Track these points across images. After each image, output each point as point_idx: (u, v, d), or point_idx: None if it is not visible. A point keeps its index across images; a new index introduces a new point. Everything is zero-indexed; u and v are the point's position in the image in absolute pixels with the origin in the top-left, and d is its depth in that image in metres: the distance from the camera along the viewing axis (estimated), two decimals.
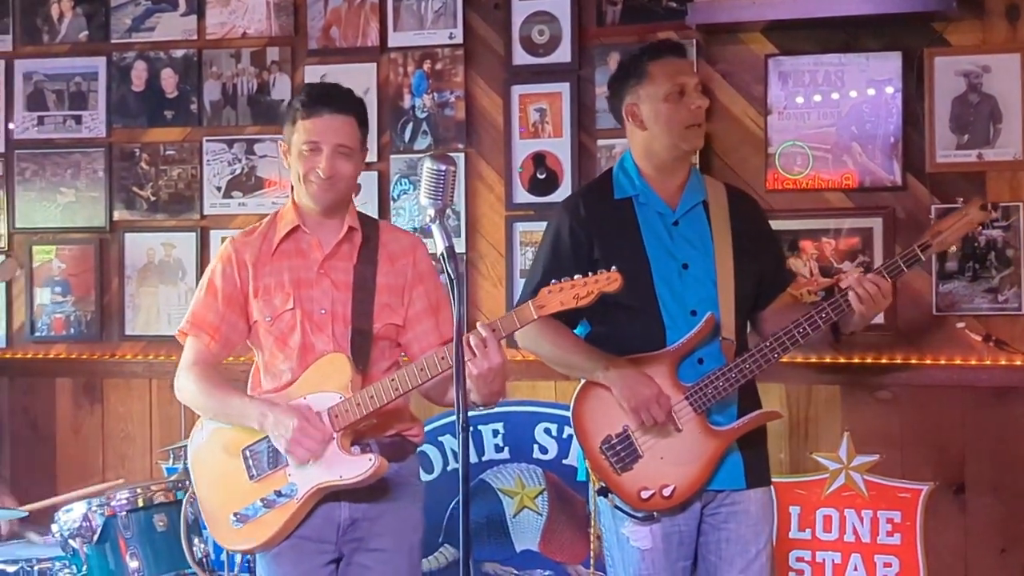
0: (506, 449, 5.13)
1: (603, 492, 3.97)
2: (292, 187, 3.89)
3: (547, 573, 4.92)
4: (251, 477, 3.74)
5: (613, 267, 3.47)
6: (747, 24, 4.94)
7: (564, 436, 5.07)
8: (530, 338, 3.99)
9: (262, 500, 3.70)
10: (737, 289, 3.95)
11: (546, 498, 5.12)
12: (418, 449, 3.96)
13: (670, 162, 4.00)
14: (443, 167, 3.28)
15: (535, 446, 5.11)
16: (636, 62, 4.00)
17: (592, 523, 4.14)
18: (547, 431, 5.09)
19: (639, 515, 3.92)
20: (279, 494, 3.69)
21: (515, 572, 5.08)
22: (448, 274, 3.24)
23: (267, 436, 3.70)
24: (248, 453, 3.75)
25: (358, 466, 3.64)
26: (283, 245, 3.84)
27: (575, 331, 4.08)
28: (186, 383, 3.84)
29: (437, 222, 3.29)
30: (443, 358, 3.54)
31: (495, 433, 5.13)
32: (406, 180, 5.32)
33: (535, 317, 3.48)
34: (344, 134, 3.73)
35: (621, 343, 3.94)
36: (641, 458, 3.90)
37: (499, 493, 5.14)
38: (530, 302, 3.49)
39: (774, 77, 4.98)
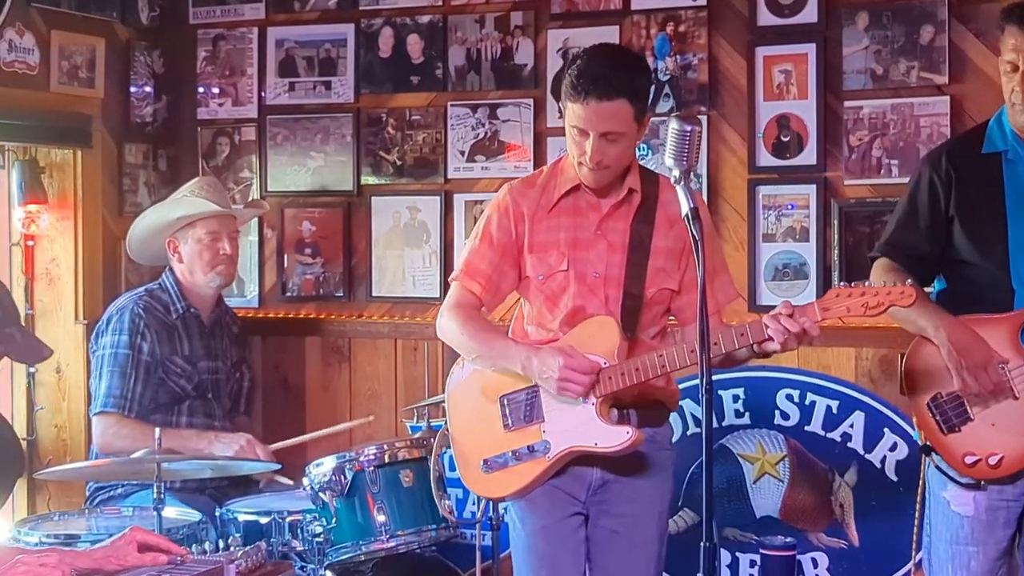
0: (747, 414, 5.09)
1: (926, 451, 3.88)
2: None
3: (788, 540, 4.86)
4: (505, 426, 3.76)
5: (908, 281, 3.44)
6: None
7: (806, 402, 5.01)
8: None
9: (513, 452, 3.73)
10: None
11: (787, 464, 5.06)
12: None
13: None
14: (689, 127, 3.26)
15: (776, 412, 5.06)
16: (1000, 19, 3.85)
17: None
18: (788, 397, 5.03)
19: (963, 481, 3.81)
20: (531, 449, 3.71)
21: (755, 538, 5.04)
22: (692, 236, 3.23)
23: (526, 388, 3.73)
24: (506, 401, 3.77)
25: (615, 436, 3.62)
26: (562, 201, 3.78)
27: (928, 287, 4.01)
28: (449, 323, 3.84)
29: (682, 183, 3.27)
30: (715, 343, 3.48)
31: (735, 398, 5.09)
32: (644, 145, 5.29)
33: (818, 320, 3.45)
34: (611, 121, 3.61)
35: (967, 302, 3.85)
36: (971, 421, 3.80)
37: (739, 459, 5.11)
38: (815, 304, 3.46)
39: None
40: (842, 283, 3.47)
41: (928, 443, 3.87)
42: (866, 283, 3.47)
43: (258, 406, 5.68)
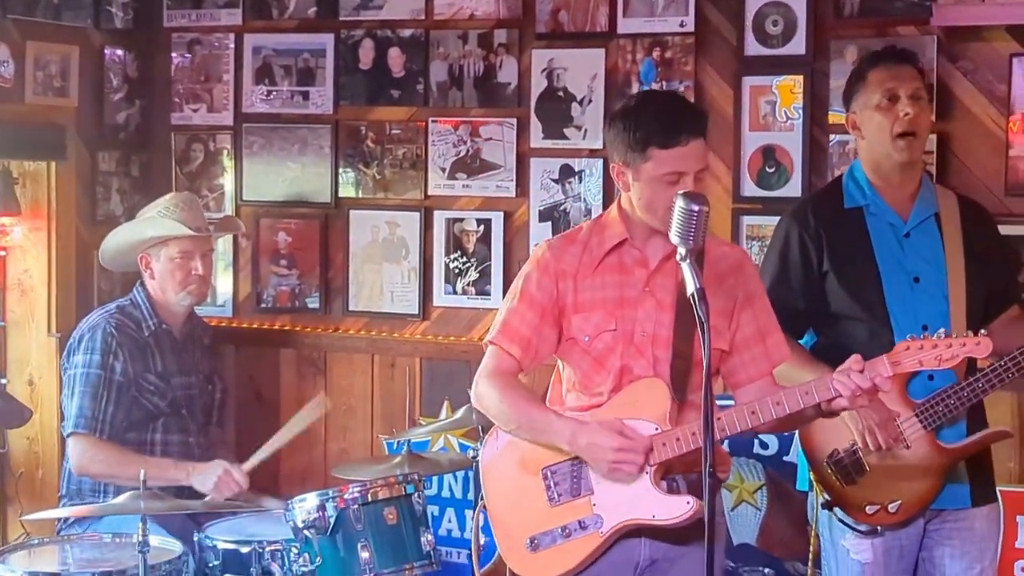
0: (725, 443, 5.08)
1: (827, 506, 3.98)
2: (619, 199, 3.64)
3: (766, 571, 4.91)
4: (551, 500, 3.56)
5: (982, 331, 3.40)
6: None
7: (785, 433, 5.01)
8: None
9: (562, 528, 3.53)
10: (968, 304, 3.89)
11: (765, 493, 5.09)
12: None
13: (893, 172, 3.94)
14: (696, 207, 3.22)
15: (755, 441, 5.08)
16: (858, 71, 4.01)
17: (812, 522, 4.13)
18: None
19: (862, 528, 3.92)
20: (582, 524, 3.50)
21: (731, 565, 5.05)
22: (698, 317, 3.20)
23: (570, 458, 3.53)
24: (549, 473, 3.57)
25: (674, 508, 3.44)
26: (607, 258, 3.58)
27: (802, 340, 4.07)
28: (488, 391, 3.62)
29: (688, 262, 3.22)
30: (778, 404, 3.40)
31: None
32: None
33: (889, 374, 3.37)
34: (703, 158, 3.50)
35: (848, 355, 3.86)
36: (867, 472, 3.89)
37: None
38: (885, 358, 3.37)
39: (1019, 77, 4.78)
40: (910, 335, 3.41)
41: (827, 497, 3.95)
42: (935, 335, 3.39)
43: (231, 417, 5.63)
